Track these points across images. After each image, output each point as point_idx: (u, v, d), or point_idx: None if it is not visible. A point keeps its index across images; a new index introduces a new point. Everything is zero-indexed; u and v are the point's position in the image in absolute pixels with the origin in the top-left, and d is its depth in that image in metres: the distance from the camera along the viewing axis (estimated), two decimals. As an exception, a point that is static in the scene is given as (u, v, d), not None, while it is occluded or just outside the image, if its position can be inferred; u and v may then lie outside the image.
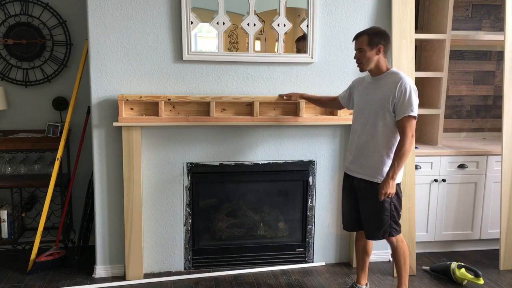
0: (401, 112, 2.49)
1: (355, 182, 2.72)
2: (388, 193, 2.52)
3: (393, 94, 2.51)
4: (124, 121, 2.97)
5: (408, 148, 2.48)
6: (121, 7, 2.96)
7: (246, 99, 3.11)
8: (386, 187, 2.51)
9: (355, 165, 2.70)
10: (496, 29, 4.09)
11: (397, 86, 2.50)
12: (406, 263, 2.76)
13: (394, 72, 2.59)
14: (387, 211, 2.62)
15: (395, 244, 2.71)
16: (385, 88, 2.56)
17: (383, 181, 2.53)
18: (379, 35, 2.56)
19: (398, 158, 2.49)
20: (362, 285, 2.98)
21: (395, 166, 2.50)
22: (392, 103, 2.52)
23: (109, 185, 3.11)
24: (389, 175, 2.51)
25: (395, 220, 2.66)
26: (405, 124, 2.48)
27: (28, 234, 3.63)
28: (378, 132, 2.58)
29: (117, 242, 3.18)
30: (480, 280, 3.13)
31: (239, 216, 3.46)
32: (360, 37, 2.59)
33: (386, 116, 2.55)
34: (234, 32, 3.13)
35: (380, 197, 2.54)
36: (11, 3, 3.44)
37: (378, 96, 2.58)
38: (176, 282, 3.14)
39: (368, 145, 2.62)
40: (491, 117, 4.26)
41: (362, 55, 2.58)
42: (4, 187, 3.40)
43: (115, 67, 3.01)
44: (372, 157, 2.61)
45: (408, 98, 2.48)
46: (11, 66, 3.52)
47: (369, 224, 2.69)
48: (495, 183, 3.61)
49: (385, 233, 2.66)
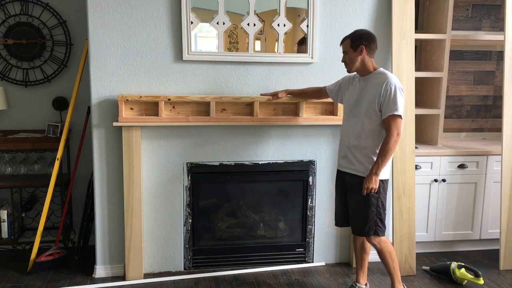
0: (386, 111, 2.57)
1: (346, 177, 2.79)
2: (371, 188, 2.59)
3: (379, 94, 2.59)
4: (124, 121, 2.97)
5: (392, 147, 2.56)
6: (121, 7, 2.96)
7: (246, 99, 3.11)
8: (369, 182, 2.58)
9: (346, 161, 2.78)
10: (496, 29, 4.09)
11: (383, 86, 2.58)
12: (395, 262, 2.80)
13: (381, 72, 2.67)
14: (374, 206, 2.67)
15: (378, 246, 2.76)
16: (372, 88, 2.64)
17: (367, 176, 2.61)
18: (360, 36, 2.66)
19: (382, 155, 2.57)
20: (361, 284, 2.98)
21: (379, 162, 2.58)
22: (378, 103, 2.60)
23: (109, 185, 3.11)
24: (372, 170, 2.59)
25: (381, 217, 2.71)
26: (390, 123, 2.56)
27: (28, 234, 3.63)
28: (366, 130, 2.66)
29: (117, 242, 3.18)
30: (480, 280, 3.13)
31: (239, 216, 3.46)
32: (345, 41, 2.73)
33: (373, 115, 2.63)
34: (234, 32, 3.13)
35: (363, 191, 2.62)
36: (11, 3, 3.44)
37: (366, 95, 2.66)
38: (176, 282, 3.14)
39: (357, 143, 2.69)
40: (491, 117, 4.26)
41: (347, 57, 2.70)
42: (4, 187, 3.40)
43: (115, 67, 3.01)
44: (361, 153, 2.69)
45: (393, 97, 2.55)
46: (11, 66, 3.52)
47: (355, 219, 2.76)
48: (495, 183, 3.61)
49: (371, 230, 2.70)
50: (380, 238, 2.73)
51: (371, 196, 2.65)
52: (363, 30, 2.71)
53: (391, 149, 2.56)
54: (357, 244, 2.95)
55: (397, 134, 2.56)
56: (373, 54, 2.69)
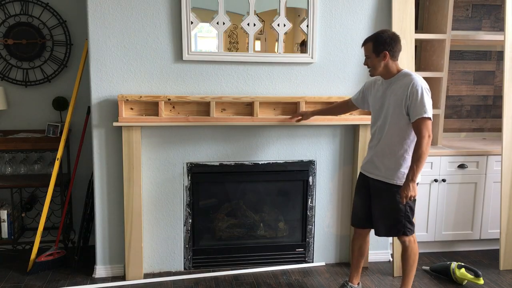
0: (415, 114, 2.48)
1: (371, 182, 2.73)
2: (410, 196, 2.50)
3: (406, 96, 2.51)
4: (124, 121, 2.97)
5: (426, 150, 2.46)
6: (121, 7, 2.96)
7: (246, 99, 3.11)
8: (407, 190, 2.49)
9: (371, 166, 2.71)
10: (496, 29, 4.09)
11: (409, 88, 2.50)
12: (415, 265, 2.75)
13: (406, 73, 2.59)
14: (402, 211, 2.62)
15: (407, 244, 2.71)
16: (398, 90, 2.56)
17: (404, 184, 2.52)
18: (384, 42, 2.54)
19: (416, 160, 2.48)
20: (354, 284, 2.98)
21: (415, 169, 2.48)
22: (405, 105, 2.52)
23: (109, 185, 3.11)
24: (409, 177, 2.50)
25: (410, 220, 2.66)
26: (421, 126, 2.47)
27: (28, 234, 3.63)
28: (393, 134, 2.59)
29: (117, 242, 3.18)
30: (480, 280, 3.13)
31: (239, 216, 3.46)
32: (367, 43, 2.61)
33: (400, 118, 2.55)
34: (234, 32, 3.13)
35: (402, 201, 2.53)
36: (11, 3, 3.44)
37: (392, 98, 2.58)
38: (176, 282, 3.14)
39: (384, 147, 2.63)
40: (491, 117, 4.26)
41: (370, 61, 2.61)
42: (4, 187, 3.39)
43: (115, 67, 3.01)
44: (388, 159, 2.61)
45: (420, 99, 2.47)
46: (11, 66, 3.52)
47: (382, 223, 2.70)
48: (495, 183, 3.61)
49: (399, 232, 2.66)
50: (410, 237, 2.69)
51: (398, 202, 2.59)
52: (385, 33, 2.57)
53: (425, 153, 2.46)
54: (355, 245, 2.93)
55: (429, 136, 2.47)
56: (398, 56, 2.59)
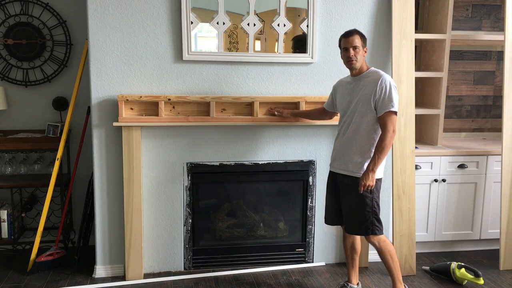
0: (382, 108, 2.57)
1: (338, 178, 2.78)
2: (368, 185, 2.58)
3: (374, 92, 2.59)
4: (124, 121, 2.97)
5: (389, 143, 2.56)
6: (121, 7, 2.96)
7: (246, 99, 3.11)
8: (366, 179, 2.58)
9: (339, 162, 2.77)
10: (496, 29, 4.09)
11: (378, 84, 2.59)
12: (395, 261, 2.78)
13: (374, 70, 2.69)
14: (369, 206, 2.67)
15: (378, 245, 2.74)
16: (367, 86, 2.64)
17: (364, 173, 2.60)
18: (364, 37, 2.70)
19: (378, 152, 2.57)
20: (353, 284, 2.98)
21: (376, 159, 2.57)
22: (373, 100, 2.60)
23: (109, 185, 3.11)
24: (369, 167, 2.59)
25: (377, 217, 2.70)
26: (386, 119, 2.56)
27: (28, 234, 3.63)
28: (361, 129, 2.66)
29: (117, 242, 3.18)
30: (480, 280, 3.13)
31: (239, 216, 3.46)
32: (354, 34, 2.66)
33: (368, 113, 2.63)
34: (234, 32, 3.13)
35: (360, 189, 2.60)
36: (11, 3, 3.44)
37: (360, 94, 2.66)
38: (176, 282, 3.14)
39: (351, 142, 2.69)
40: (491, 117, 4.26)
41: (357, 52, 2.65)
42: (4, 187, 3.40)
43: (115, 67, 3.01)
44: (356, 154, 2.68)
45: (388, 94, 2.57)
46: (11, 66, 3.52)
47: (350, 219, 2.75)
48: (495, 183, 3.61)
49: (367, 229, 2.69)
50: (379, 237, 2.72)
51: (365, 197, 2.64)
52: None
53: (387, 146, 2.56)
54: (347, 244, 2.95)
55: (393, 130, 2.56)
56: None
